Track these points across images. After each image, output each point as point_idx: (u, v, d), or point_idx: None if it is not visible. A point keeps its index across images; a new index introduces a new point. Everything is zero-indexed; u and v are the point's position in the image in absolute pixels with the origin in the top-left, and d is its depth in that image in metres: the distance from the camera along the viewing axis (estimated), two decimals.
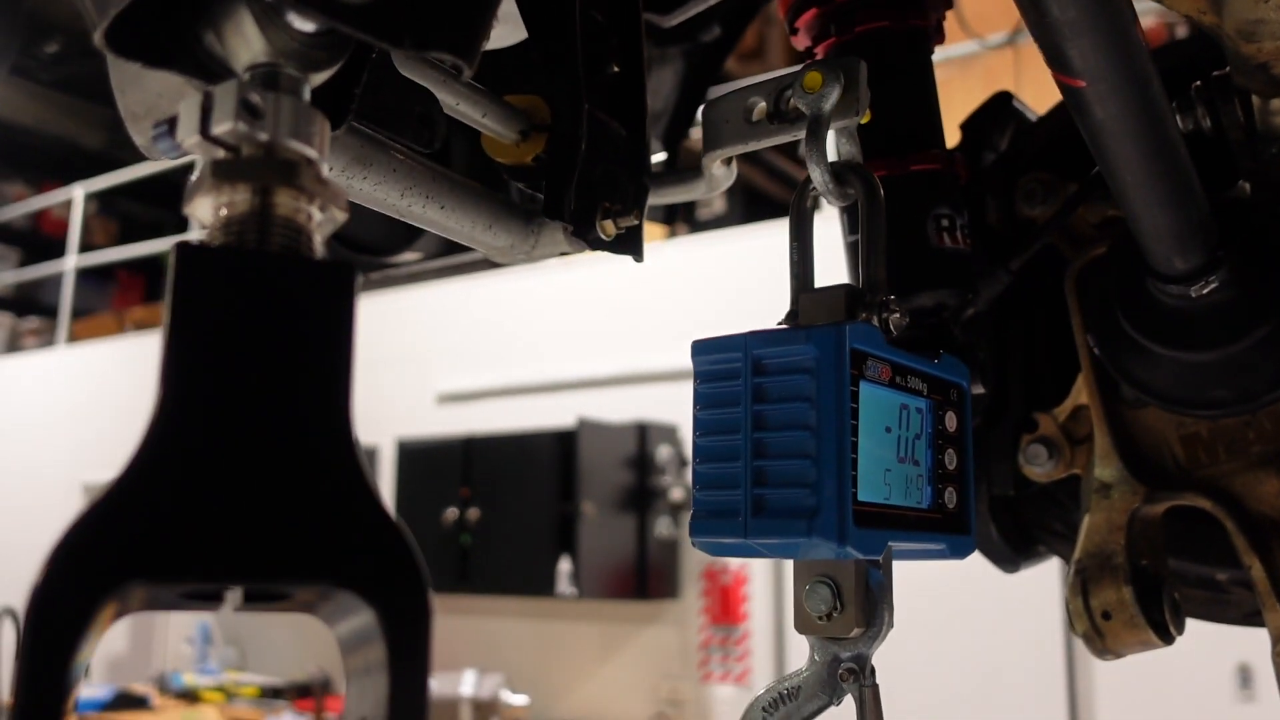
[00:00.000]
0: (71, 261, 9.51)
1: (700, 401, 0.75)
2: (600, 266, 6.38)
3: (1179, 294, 0.95)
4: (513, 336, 6.75)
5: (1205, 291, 0.94)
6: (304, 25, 0.51)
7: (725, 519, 0.72)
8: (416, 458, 6.73)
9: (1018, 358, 1.25)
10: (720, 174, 1.02)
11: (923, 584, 4.42)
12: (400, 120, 0.76)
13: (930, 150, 1.01)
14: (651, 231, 6.66)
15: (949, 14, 1.08)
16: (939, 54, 1.09)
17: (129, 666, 8.32)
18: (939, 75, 1.08)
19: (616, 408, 6.11)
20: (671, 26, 1.59)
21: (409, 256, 1.45)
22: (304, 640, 7.37)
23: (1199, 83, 1.01)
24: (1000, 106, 1.28)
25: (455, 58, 0.54)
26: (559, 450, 6.05)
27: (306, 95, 0.51)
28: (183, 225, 9.16)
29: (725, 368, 0.74)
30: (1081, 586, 1.08)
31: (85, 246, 9.65)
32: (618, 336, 6.33)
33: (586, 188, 0.93)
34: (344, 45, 0.53)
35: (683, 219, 7.30)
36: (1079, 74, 0.69)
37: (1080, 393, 1.16)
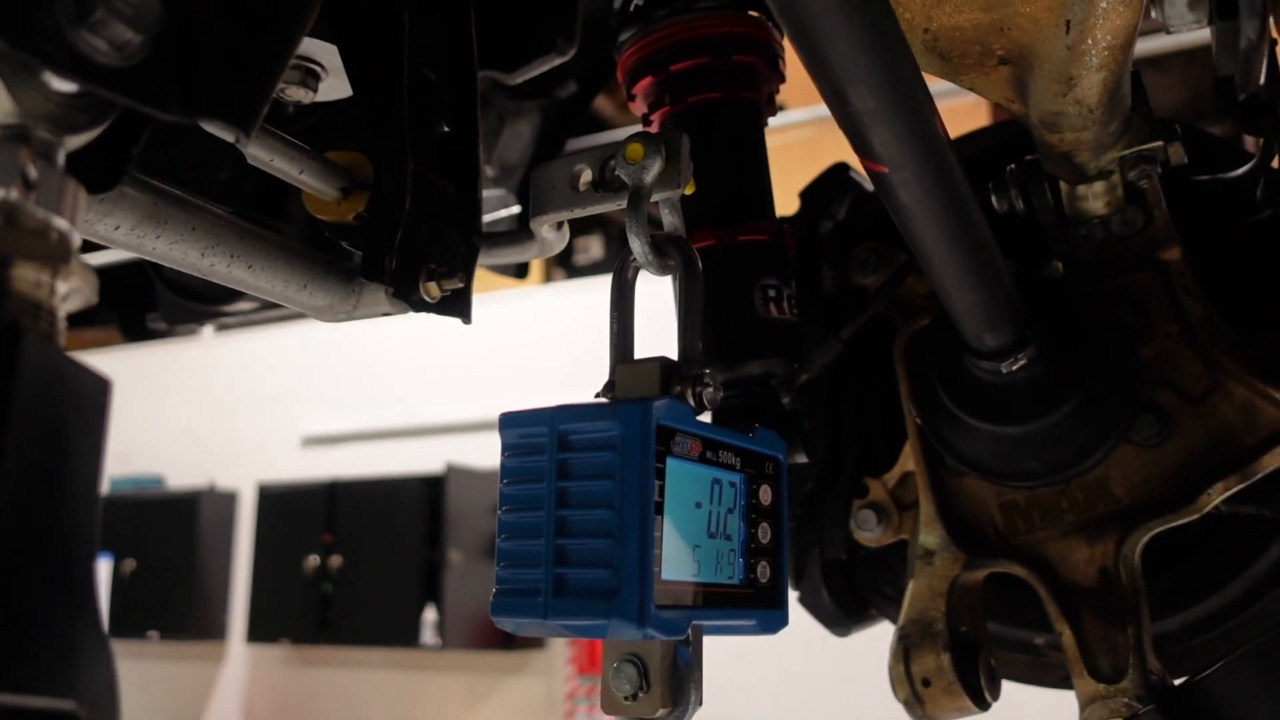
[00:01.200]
0: None
1: (506, 475, 0.74)
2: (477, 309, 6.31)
3: (991, 369, 0.98)
4: (381, 379, 6.61)
5: (1015, 368, 0.97)
6: (61, 86, 0.48)
7: (526, 598, 0.70)
8: (278, 502, 6.52)
9: (852, 424, 1.27)
10: (552, 237, 1.02)
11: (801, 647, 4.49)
12: (200, 177, 0.73)
13: (759, 221, 1.02)
14: (530, 275, 6.63)
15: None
16: (811, 111, 1.12)
17: None
18: (814, 132, 1.10)
19: (486, 454, 6.03)
20: (523, 82, 1.59)
21: (242, 305, 1.40)
22: (151, 694, 7.01)
23: (1012, 166, 1.05)
24: (838, 176, 1.31)
25: (230, 126, 0.51)
26: (426, 496, 5.93)
27: (60, 159, 0.48)
28: None
29: (531, 442, 0.73)
30: (904, 653, 1.10)
31: None
32: (489, 381, 6.27)
33: (410, 248, 0.91)
34: (107, 107, 0.51)
35: (558, 264, 7.31)
36: (882, 161, 0.71)
37: (908, 459, 1.19)
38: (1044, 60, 0.80)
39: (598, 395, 0.82)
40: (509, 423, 0.74)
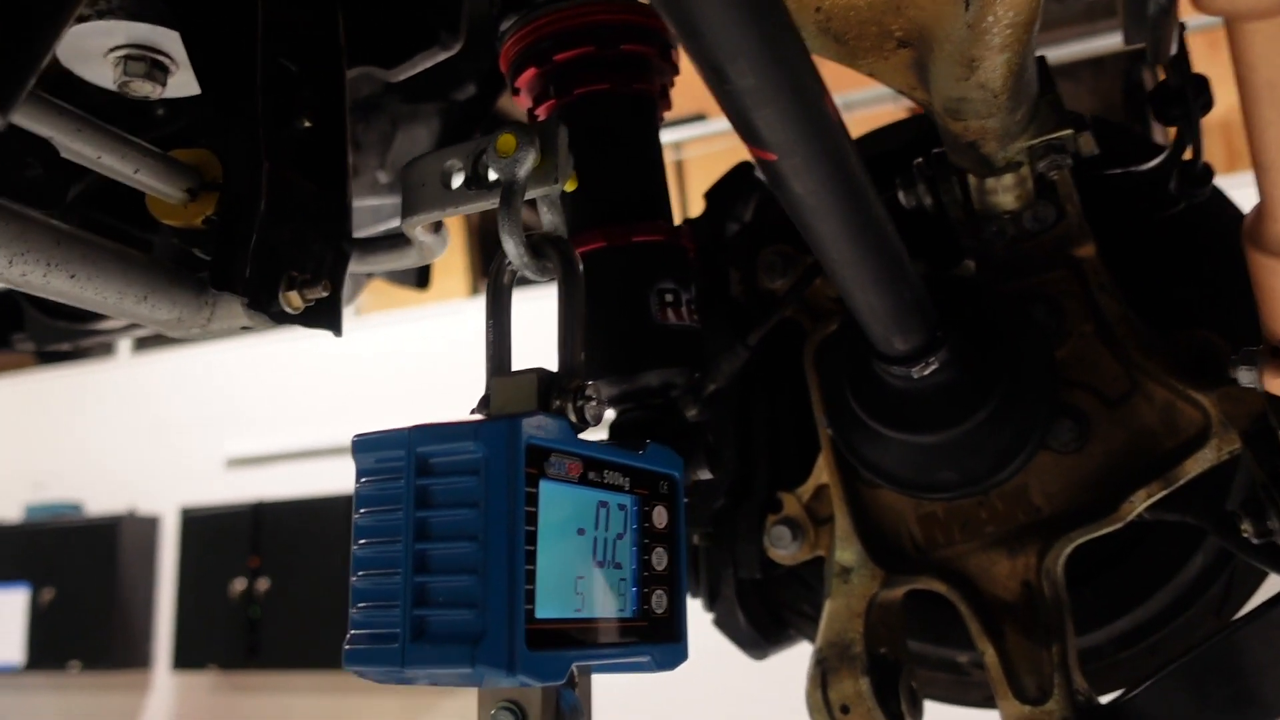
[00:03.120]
0: None
1: (360, 505, 0.66)
2: (401, 326, 6.19)
3: (902, 375, 0.92)
4: (306, 397, 6.44)
5: (927, 373, 0.91)
6: None
7: (382, 644, 0.62)
8: (202, 526, 6.32)
9: (763, 435, 1.20)
10: (430, 241, 0.94)
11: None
12: (7, 175, 0.64)
13: (654, 220, 0.95)
14: (454, 288, 6.52)
15: None
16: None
17: None
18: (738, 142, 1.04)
19: None
20: (416, 83, 1.51)
21: (112, 324, 1.30)
22: None
23: (919, 160, 0.99)
24: (743, 176, 1.25)
25: None
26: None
27: None
28: None
29: (388, 466, 0.65)
30: (821, 678, 1.04)
31: None
32: (416, 396, 6.12)
33: (266, 254, 0.83)
34: None
35: (484, 275, 7.20)
36: (769, 146, 0.64)
37: (822, 472, 1.13)
38: (944, 41, 0.74)
39: (473, 411, 0.75)
40: (363, 446, 0.66)
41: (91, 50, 0.89)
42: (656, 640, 0.73)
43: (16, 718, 6.99)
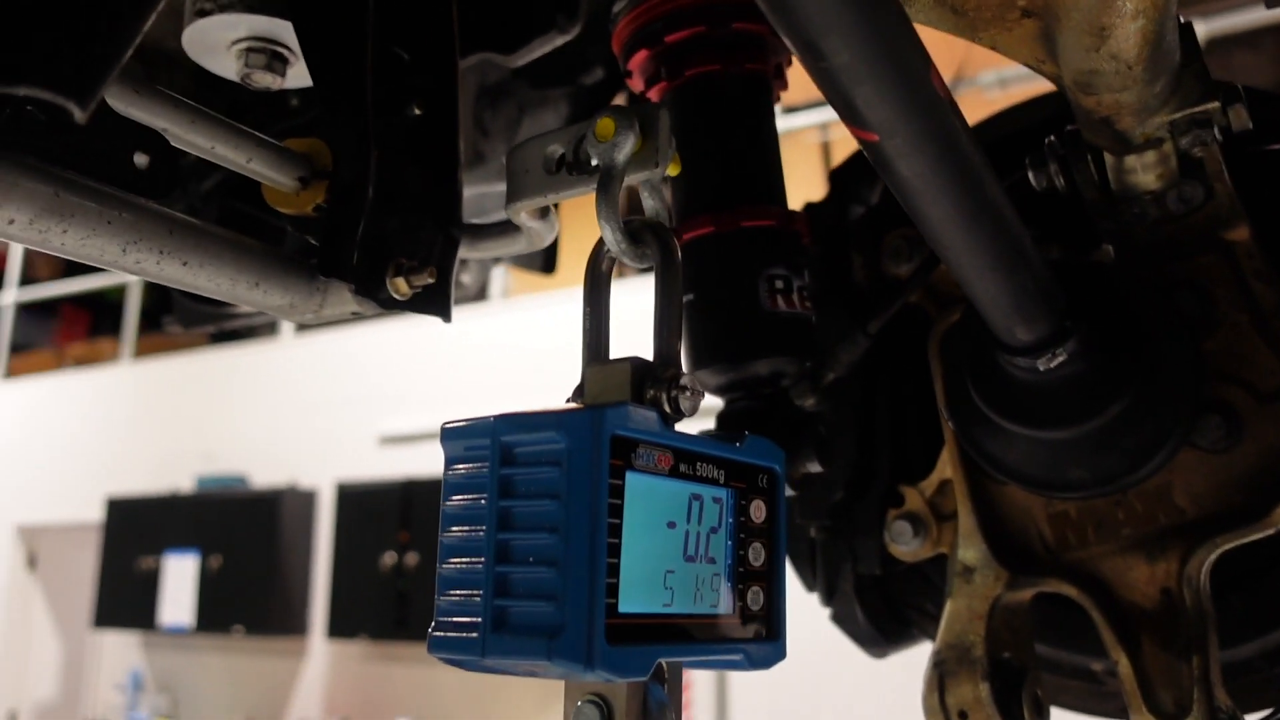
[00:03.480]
0: (11, 295, 9.29)
1: (448, 493, 0.65)
2: (550, 309, 6.27)
3: (1027, 367, 0.87)
4: (458, 378, 6.62)
5: (1054, 365, 0.86)
6: None
7: (464, 633, 0.62)
8: (356, 501, 6.58)
9: (885, 427, 1.16)
10: (538, 227, 0.93)
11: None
12: (110, 164, 0.66)
13: (765, 205, 0.92)
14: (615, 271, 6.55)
15: None
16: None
17: (57, 713, 8.04)
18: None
19: None
20: (543, 68, 1.51)
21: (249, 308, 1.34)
22: (237, 688, 7.14)
23: (1051, 139, 0.93)
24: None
25: (58, 97, 0.44)
26: None
27: None
28: None
29: (474, 454, 0.64)
30: (938, 681, 0.99)
31: (27, 280, 9.44)
32: (563, 378, 6.21)
33: (374, 241, 0.84)
34: None
35: None
36: (870, 126, 0.61)
37: (946, 465, 1.08)
38: (1071, 9, 0.69)
39: (568, 400, 0.74)
40: (451, 434, 0.66)
41: (217, 44, 0.92)
42: (751, 638, 0.71)
43: (186, 676, 7.45)
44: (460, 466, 0.65)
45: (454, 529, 0.65)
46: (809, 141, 6.70)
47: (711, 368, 0.91)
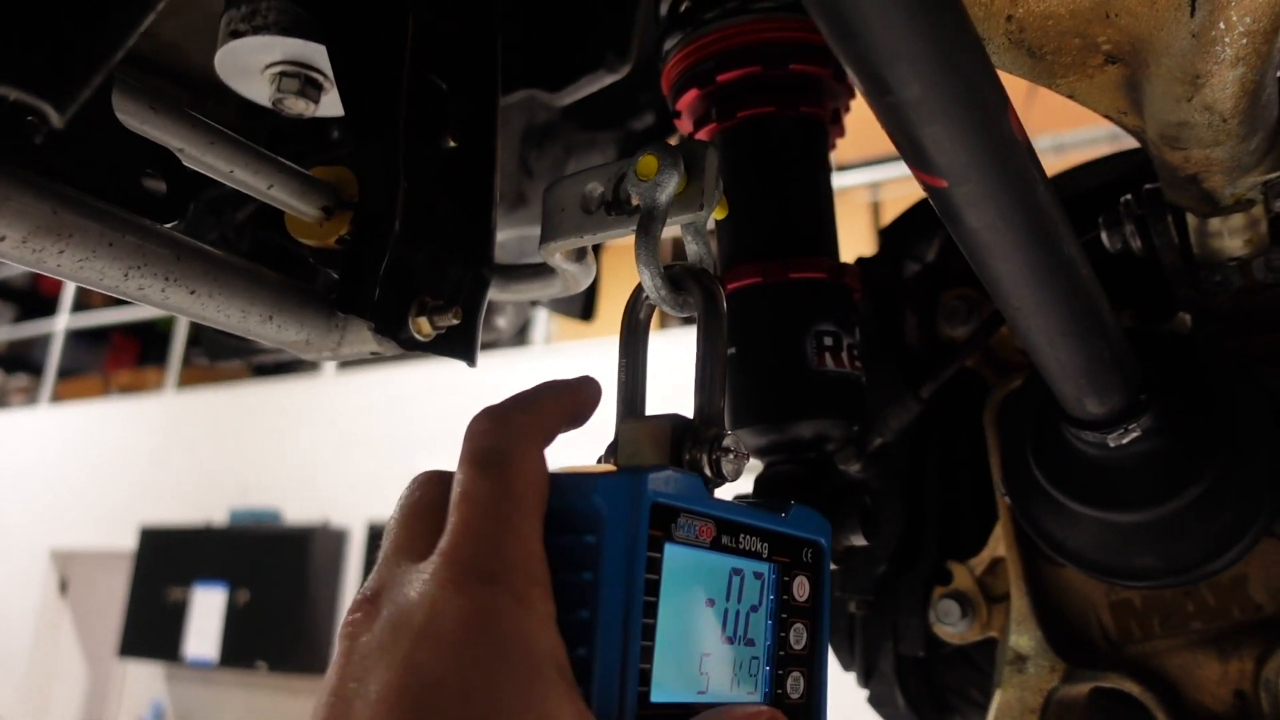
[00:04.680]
0: (63, 321, 9.43)
1: None
2: (594, 355, 6.24)
3: (1096, 442, 0.80)
4: None
5: (1126, 441, 0.78)
6: None
7: None
8: None
9: (934, 498, 1.09)
10: (574, 270, 0.88)
11: None
12: (117, 183, 0.62)
13: (815, 257, 0.86)
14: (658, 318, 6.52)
15: None
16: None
17: None
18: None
19: None
20: (592, 110, 1.47)
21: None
22: None
23: (1128, 197, 0.87)
24: (928, 212, 1.14)
25: (32, 97, 0.40)
26: None
27: None
28: None
29: None
30: None
31: (80, 306, 9.58)
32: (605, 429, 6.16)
33: (398, 277, 0.79)
34: None
35: None
36: (938, 170, 0.55)
37: (999, 543, 1.00)
38: (1162, 54, 0.63)
39: (600, 459, 0.68)
40: None
41: (250, 67, 0.89)
42: None
43: (208, 710, 7.39)
44: None
45: None
46: (859, 201, 6.65)
47: (752, 427, 0.85)
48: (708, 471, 0.62)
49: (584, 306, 1.62)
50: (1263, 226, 0.82)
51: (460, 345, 0.84)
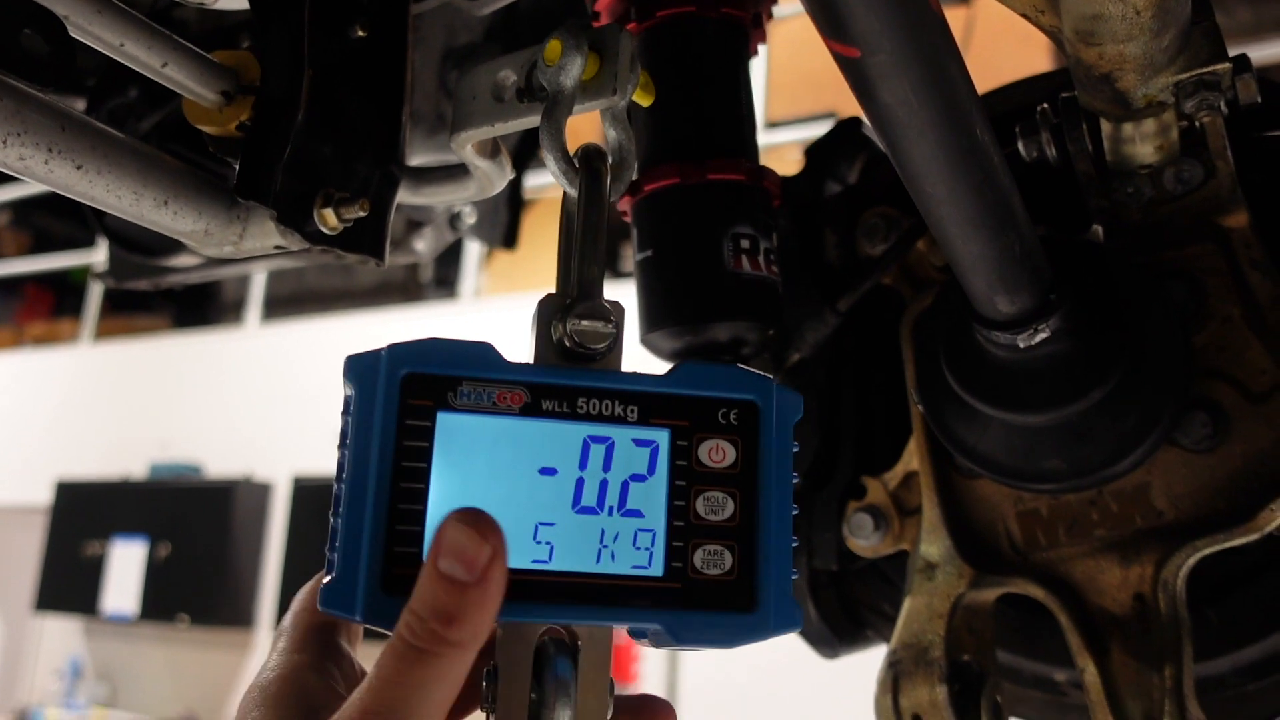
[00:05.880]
0: None
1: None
2: (523, 310, 6.19)
3: (1006, 344, 0.80)
4: None
5: (1035, 342, 0.79)
6: None
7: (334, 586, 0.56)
8: (311, 495, 6.45)
9: (851, 415, 1.09)
10: (487, 168, 0.86)
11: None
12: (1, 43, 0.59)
13: (735, 159, 0.85)
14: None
15: None
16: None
17: None
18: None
19: None
20: (518, 32, 1.43)
21: (186, 260, 1.26)
22: (179, 679, 6.98)
23: (1044, 105, 0.87)
24: (849, 133, 1.14)
25: None
26: None
27: None
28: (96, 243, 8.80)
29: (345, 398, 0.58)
30: (893, 683, 0.92)
31: None
32: None
33: (301, 167, 0.76)
34: None
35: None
36: (850, 38, 0.54)
37: (913, 457, 1.01)
38: None
39: None
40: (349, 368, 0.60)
41: None
42: (695, 606, 0.59)
43: (128, 665, 7.27)
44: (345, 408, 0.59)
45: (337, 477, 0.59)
46: (790, 158, 6.68)
47: (666, 330, 0.84)
48: (566, 343, 0.60)
49: (505, 234, 1.59)
50: (1174, 133, 0.83)
51: (368, 241, 0.82)
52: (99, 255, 7.71)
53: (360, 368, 0.56)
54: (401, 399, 0.55)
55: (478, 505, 0.53)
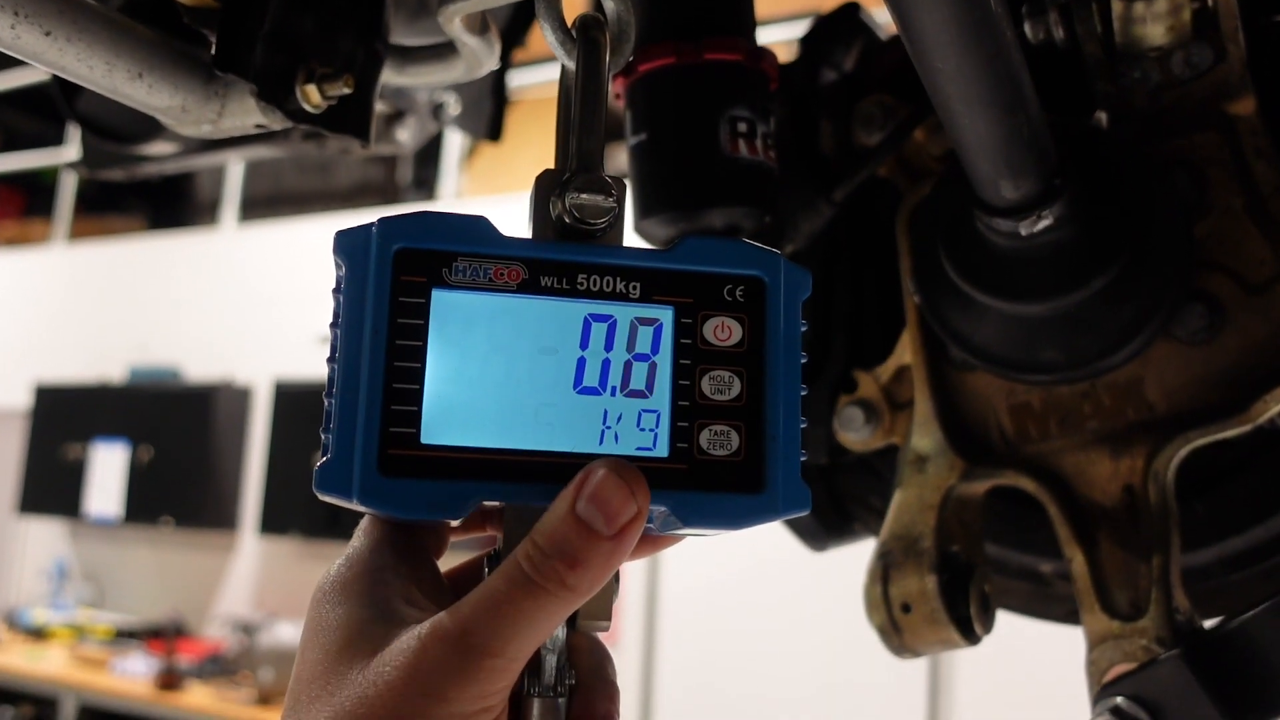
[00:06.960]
0: None
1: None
2: (503, 207, 6.11)
3: (1007, 230, 0.79)
4: None
5: (1037, 229, 0.78)
6: None
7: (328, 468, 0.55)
8: (292, 399, 6.45)
9: (843, 308, 1.08)
10: (475, 45, 0.83)
11: (773, 571, 4.30)
12: None
13: (732, 39, 0.82)
14: None
15: None
16: None
17: None
18: None
19: None
20: None
21: (163, 147, 1.22)
22: (165, 580, 7.05)
23: None
24: (847, 19, 1.10)
25: None
26: None
27: None
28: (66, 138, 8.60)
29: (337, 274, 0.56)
30: (883, 573, 0.93)
31: None
32: None
33: (282, 40, 0.73)
34: None
35: None
36: None
37: (905, 351, 1.00)
38: None
39: None
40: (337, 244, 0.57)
41: None
42: (701, 487, 0.57)
43: (113, 566, 7.34)
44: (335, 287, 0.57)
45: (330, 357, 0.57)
46: (780, 58, 6.54)
47: (661, 216, 0.82)
48: (566, 219, 0.58)
49: (490, 125, 1.55)
50: (1185, 14, 0.80)
51: (353, 121, 0.79)
52: (71, 153, 7.55)
53: (350, 243, 0.54)
54: (394, 275, 0.53)
55: (476, 384, 0.52)
